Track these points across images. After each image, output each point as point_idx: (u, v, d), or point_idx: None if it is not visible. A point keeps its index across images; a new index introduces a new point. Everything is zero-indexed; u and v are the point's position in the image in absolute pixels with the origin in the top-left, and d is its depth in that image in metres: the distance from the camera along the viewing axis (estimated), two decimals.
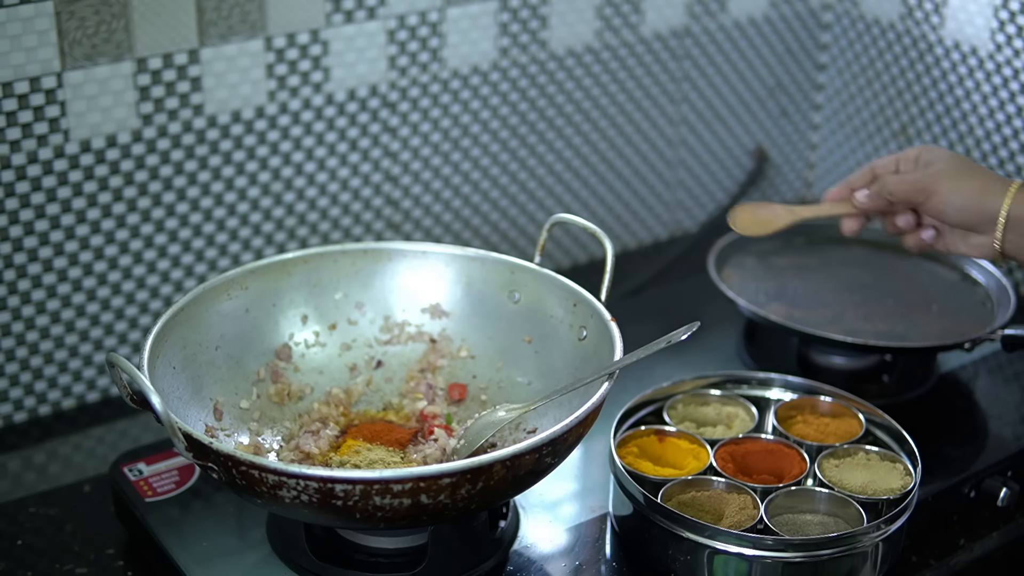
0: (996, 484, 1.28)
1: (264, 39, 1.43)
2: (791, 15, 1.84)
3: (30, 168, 1.35)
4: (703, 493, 1.18)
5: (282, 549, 1.16)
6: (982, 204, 1.09)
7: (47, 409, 1.45)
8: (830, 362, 1.47)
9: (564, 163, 1.73)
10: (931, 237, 1.12)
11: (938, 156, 1.13)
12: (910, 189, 1.11)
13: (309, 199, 1.54)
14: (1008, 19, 1.61)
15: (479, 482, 1.02)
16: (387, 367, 1.31)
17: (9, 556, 1.21)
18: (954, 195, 1.09)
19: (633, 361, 1.13)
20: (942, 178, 1.11)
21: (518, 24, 1.60)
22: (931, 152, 1.13)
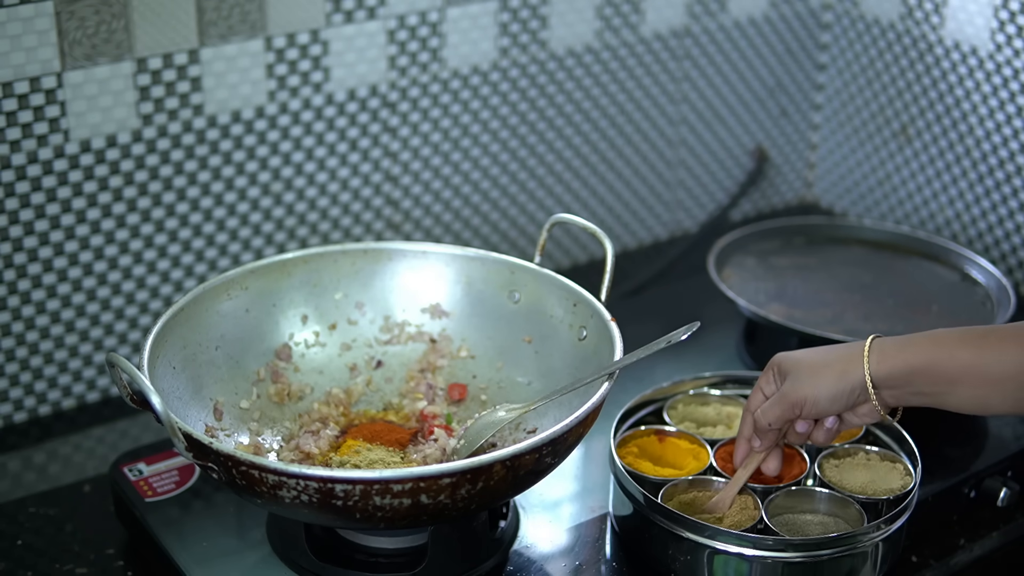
0: (996, 484, 1.28)
1: (264, 39, 1.43)
2: (791, 15, 1.84)
3: (30, 168, 1.35)
4: (703, 493, 1.18)
5: (282, 549, 1.16)
6: (847, 384, 1.13)
7: (47, 409, 1.45)
8: None
9: (564, 163, 1.73)
10: (834, 423, 1.16)
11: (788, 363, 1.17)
12: (782, 411, 1.16)
13: (309, 199, 1.54)
14: (1008, 19, 1.61)
15: (479, 482, 1.02)
16: (387, 367, 1.31)
17: (9, 556, 1.21)
18: (820, 392, 1.14)
19: (633, 361, 1.13)
20: (802, 382, 1.14)
21: (518, 24, 1.60)
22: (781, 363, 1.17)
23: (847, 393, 1.12)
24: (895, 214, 1.83)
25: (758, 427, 1.17)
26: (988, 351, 1.09)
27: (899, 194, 1.82)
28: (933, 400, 1.12)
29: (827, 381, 1.13)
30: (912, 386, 1.11)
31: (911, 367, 1.11)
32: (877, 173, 1.84)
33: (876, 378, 1.11)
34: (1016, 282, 1.69)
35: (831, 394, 1.13)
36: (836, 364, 1.14)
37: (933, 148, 1.75)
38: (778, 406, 1.15)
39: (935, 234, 1.76)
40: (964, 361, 1.09)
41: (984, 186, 1.70)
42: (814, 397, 1.13)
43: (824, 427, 1.16)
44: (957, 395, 1.10)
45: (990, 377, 1.09)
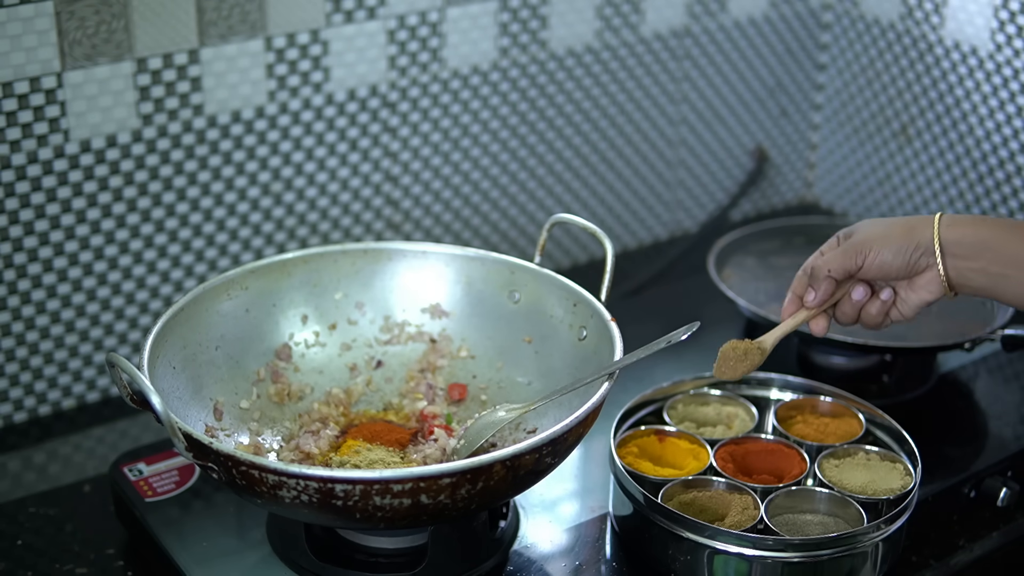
0: (996, 484, 1.28)
1: (264, 39, 1.43)
2: (791, 15, 1.84)
3: (30, 168, 1.35)
4: (703, 493, 1.18)
5: (282, 549, 1.16)
6: (914, 240, 1.12)
7: (47, 409, 1.45)
8: (830, 362, 1.47)
9: (564, 163, 1.73)
10: (890, 296, 1.14)
11: (858, 225, 1.17)
12: (843, 259, 1.14)
13: (309, 199, 1.54)
14: (1008, 19, 1.61)
15: (479, 482, 1.02)
16: (387, 367, 1.31)
17: (9, 556, 1.21)
18: (886, 246, 1.13)
19: (633, 361, 1.13)
20: (869, 238, 1.14)
21: (518, 24, 1.60)
22: (849, 228, 1.18)
23: (912, 249, 1.11)
24: (895, 214, 1.83)
25: (815, 275, 1.15)
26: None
27: (899, 194, 1.82)
28: (992, 283, 1.10)
29: (894, 238, 1.11)
30: (978, 259, 1.10)
31: (982, 239, 1.09)
32: (877, 173, 1.84)
33: (945, 241, 1.10)
34: None
35: (897, 247, 1.11)
36: (906, 223, 1.12)
37: (933, 148, 1.75)
38: (842, 255, 1.13)
39: None
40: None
41: (984, 186, 1.70)
42: (879, 246, 1.11)
43: (879, 299, 1.14)
44: (1018, 282, 1.09)
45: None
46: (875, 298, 1.16)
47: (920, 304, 1.16)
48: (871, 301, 1.16)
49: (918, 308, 1.17)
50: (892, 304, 1.16)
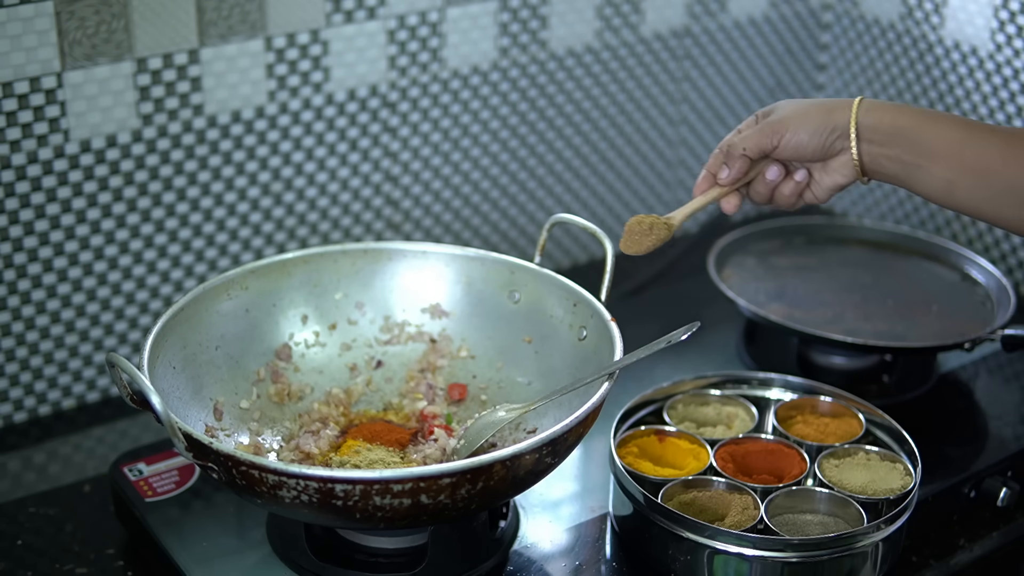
0: (996, 484, 1.28)
1: (264, 39, 1.43)
2: (791, 15, 1.84)
3: (30, 168, 1.35)
4: (703, 493, 1.18)
5: (282, 549, 1.16)
6: (831, 123, 1.12)
7: (47, 409, 1.45)
8: (830, 362, 1.47)
9: (564, 163, 1.73)
10: (804, 177, 1.15)
11: (777, 105, 1.17)
12: (759, 137, 1.14)
13: (309, 199, 1.54)
14: (1008, 19, 1.61)
15: (479, 482, 1.02)
16: (387, 367, 1.31)
17: (9, 556, 1.21)
18: (802, 126, 1.13)
19: (633, 361, 1.13)
20: (786, 117, 1.14)
21: (518, 24, 1.60)
22: (768, 107, 1.18)
23: (828, 131, 1.11)
24: (895, 214, 1.83)
25: (730, 152, 1.15)
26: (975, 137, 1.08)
27: (899, 194, 1.82)
28: (905, 172, 1.11)
29: (811, 119, 1.12)
30: (892, 147, 1.10)
31: (898, 126, 1.10)
32: None
33: (861, 125, 1.10)
34: (1016, 282, 1.69)
35: (813, 128, 1.11)
36: (824, 105, 1.13)
37: None
38: (758, 133, 1.14)
39: (935, 234, 1.76)
40: (949, 137, 1.09)
41: None
42: (795, 127, 1.12)
43: (793, 179, 1.15)
44: (930, 173, 1.09)
45: (966, 162, 1.08)
46: (789, 178, 1.16)
47: (833, 187, 1.16)
48: (785, 181, 1.16)
49: (831, 191, 1.18)
50: (806, 186, 1.16)
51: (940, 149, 1.10)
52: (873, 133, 1.11)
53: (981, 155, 1.09)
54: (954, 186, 1.10)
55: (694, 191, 1.19)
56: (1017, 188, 1.08)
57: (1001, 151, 1.08)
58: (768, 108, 1.18)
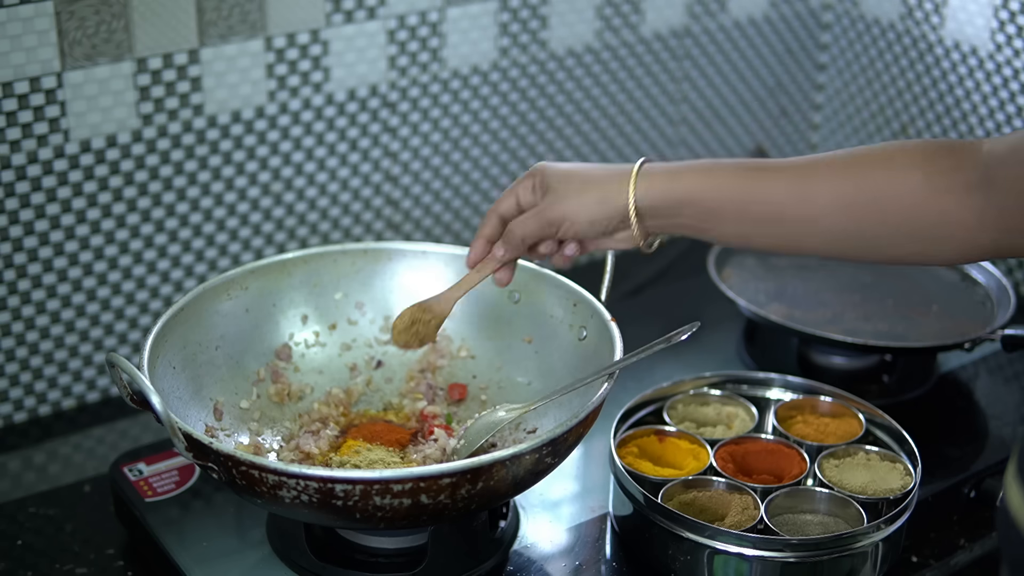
0: (996, 484, 1.28)
1: (264, 39, 1.43)
2: (791, 15, 1.84)
3: (30, 168, 1.35)
4: (703, 493, 1.18)
5: (282, 549, 1.16)
6: (609, 208, 1.11)
7: (47, 409, 1.45)
8: (830, 362, 1.47)
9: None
10: (574, 250, 1.14)
11: (552, 177, 1.13)
12: (537, 226, 1.13)
13: (309, 199, 1.54)
14: (1008, 19, 1.61)
15: (479, 482, 1.02)
16: (387, 367, 1.31)
17: (9, 556, 1.21)
18: (581, 212, 1.11)
19: (633, 361, 1.13)
20: (564, 200, 1.12)
21: (518, 24, 1.60)
22: (545, 174, 1.14)
23: (608, 218, 1.10)
24: None
25: (509, 237, 1.14)
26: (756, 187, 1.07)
27: None
28: (697, 233, 1.10)
29: (589, 203, 1.10)
30: (677, 217, 1.09)
31: (678, 198, 1.08)
32: None
33: (640, 206, 1.09)
34: (1016, 282, 1.69)
35: (591, 217, 1.10)
36: (601, 185, 1.11)
37: None
38: (535, 221, 1.12)
39: None
40: (731, 195, 1.07)
41: None
42: (573, 218, 1.11)
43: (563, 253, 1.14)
44: (720, 231, 1.09)
45: (753, 215, 1.07)
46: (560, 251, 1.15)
47: (615, 251, 1.16)
48: (556, 254, 1.15)
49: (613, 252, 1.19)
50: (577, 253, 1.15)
51: (723, 211, 1.08)
52: (654, 210, 1.10)
53: (767, 205, 1.07)
54: (748, 238, 1.10)
55: (468, 258, 1.18)
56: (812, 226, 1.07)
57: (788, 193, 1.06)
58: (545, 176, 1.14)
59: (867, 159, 1.06)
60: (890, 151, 1.06)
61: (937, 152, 1.05)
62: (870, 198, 1.04)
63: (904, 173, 1.04)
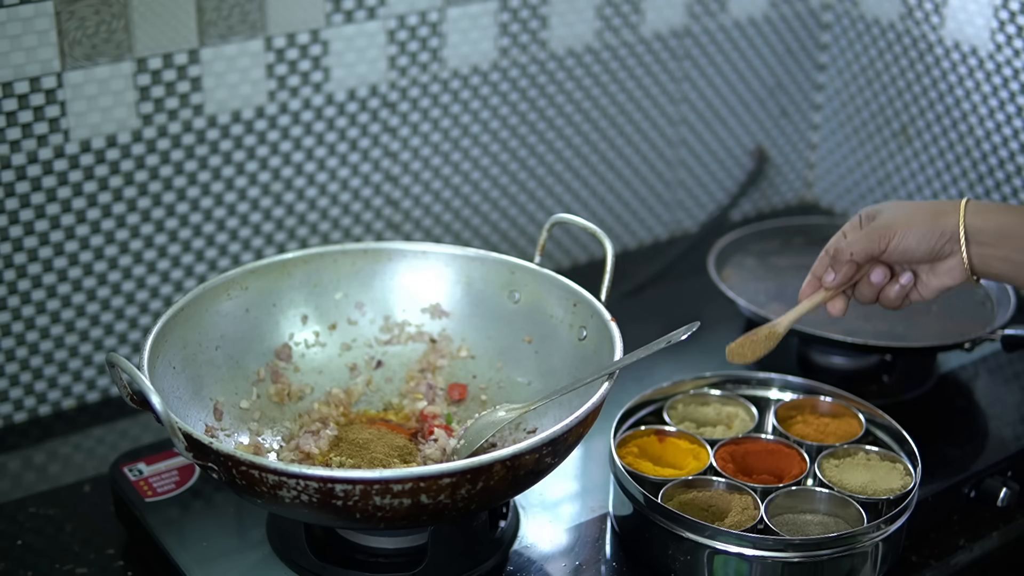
0: (996, 484, 1.28)
1: (264, 39, 1.43)
2: (791, 15, 1.84)
3: (30, 168, 1.35)
4: (703, 493, 1.18)
5: (282, 549, 1.16)
6: (939, 227, 1.12)
7: (47, 409, 1.45)
8: (830, 362, 1.47)
9: (564, 163, 1.73)
10: (909, 280, 1.15)
11: (880, 207, 1.17)
12: (867, 242, 1.14)
13: (309, 199, 1.54)
14: (1008, 19, 1.61)
15: (479, 482, 1.02)
16: (387, 367, 1.31)
17: (9, 556, 1.21)
18: (910, 230, 1.13)
19: (633, 361, 1.13)
20: (893, 221, 1.14)
21: (518, 24, 1.60)
22: (873, 209, 1.18)
23: (937, 237, 1.11)
24: None
25: (837, 258, 1.15)
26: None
27: (899, 194, 1.82)
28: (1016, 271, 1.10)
29: (919, 223, 1.11)
30: (1002, 247, 1.10)
31: (1008, 227, 1.09)
32: (877, 173, 1.84)
33: (970, 228, 1.10)
34: None
35: (921, 233, 1.11)
36: (931, 209, 1.12)
37: (933, 148, 1.75)
38: (866, 238, 1.13)
39: None
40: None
41: (984, 186, 1.70)
42: (903, 231, 1.12)
43: (899, 283, 1.14)
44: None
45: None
46: (894, 281, 1.16)
47: (941, 288, 1.16)
48: (890, 284, 1.16)
49: (939, 292, 1.18)
50: (912, 287, 1.16)
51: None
52: (982, 235, 1.11)
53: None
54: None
55: (800, 294, 1.20)
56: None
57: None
58: (872, 210, 1.17)
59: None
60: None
61: None
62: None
63: None
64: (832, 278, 1.16)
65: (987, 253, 1.11)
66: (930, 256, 1.12)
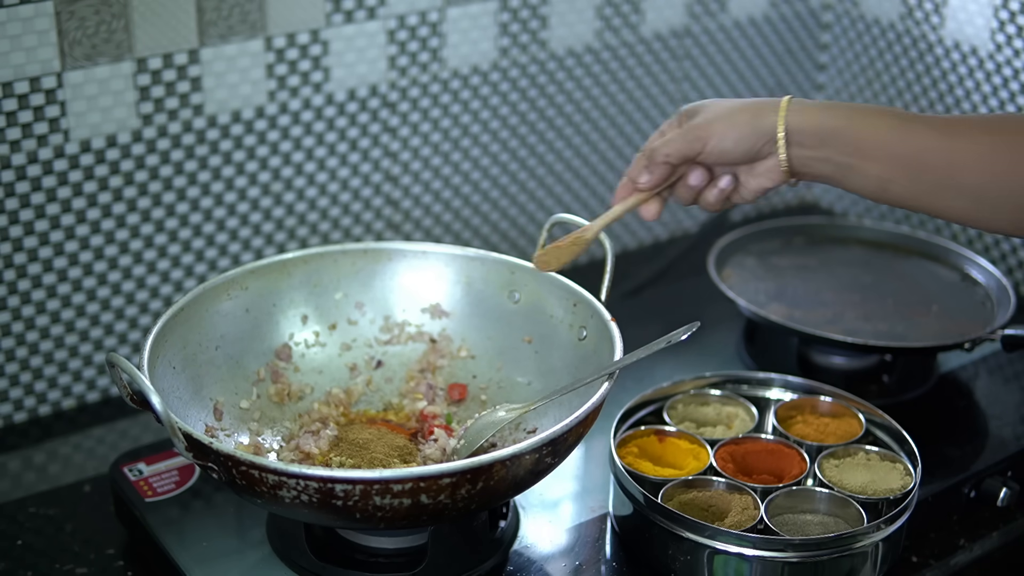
0: (996, 484, 1.28)
1: (264, 39, 1.43)
2: (791, 15, 1.84)
3: (30, 168, 1.35)
4: (703, 493, 1.18)
5: (282, 549, 1.16)
6: (758, 127, 1.08)
7: (47, 409, 1.45)
8: (830, 362, 1.47)
9: (564, 163, 1.73)
10: (729, 184, 1.11)
11: (700, 106, 1.12)
12: (682, 143, 1.10)
13: (309, 199, 1.54)
14: (1008, 19, 1.61)
15: (479, 482, 1.02)
16: (387, 367, 1.31)
17: (9, 556, 1.21)
18: (728, 131, 1.09)
19: (633, 361, 1.13)
20: (711, 122, 1.10)
21: (518, 24, 1.60)
22: (693, 107, 1.13)
23: (755, 137, 1.08)
24: (895, 214, 1.83)
25: (652, 158, 1.12)
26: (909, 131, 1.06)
27: None
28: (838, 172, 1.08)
29: (738, 123, 1.08)
30: (823, 148, 1.07)
31: (828, 127, 1.07)
32: None
33: (790, 128, 1.07)
34: (1016, 282, 1.69)
35: (739, 134, 1.08)
36: (751, 108, 1.09)
37: None
38: (681, 138, 1.10)
39: (935, 234, 1.75)
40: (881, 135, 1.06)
41: None
42: (721, 133, 1.09)
43: (718, 186, 1.11)
44: (863, 173, 1.07)
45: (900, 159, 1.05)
46: (713, 184, 1.13)
47: (759, 190, 1.13)
48: (709, 187, 1.13)
49: (757, 193, 1.15)
50: (732, 189, 1.14)
51: (872, 148, 1.07)
52: (802, 136, 1.08)
53: (916, 150, 1.06)
54: (888, 183, 1.07)
55: (615, 197, 1.17)
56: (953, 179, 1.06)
57: (938, 143, 1.05)
58: (692, 107, 1.13)
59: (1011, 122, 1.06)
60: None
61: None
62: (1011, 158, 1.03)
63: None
64: (646, 179, 1.13)
65: (807, 155, 1.08)
66: (748, 158, 1.09)
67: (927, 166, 1.06)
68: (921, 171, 1.07)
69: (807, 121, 1.08)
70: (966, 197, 1.06)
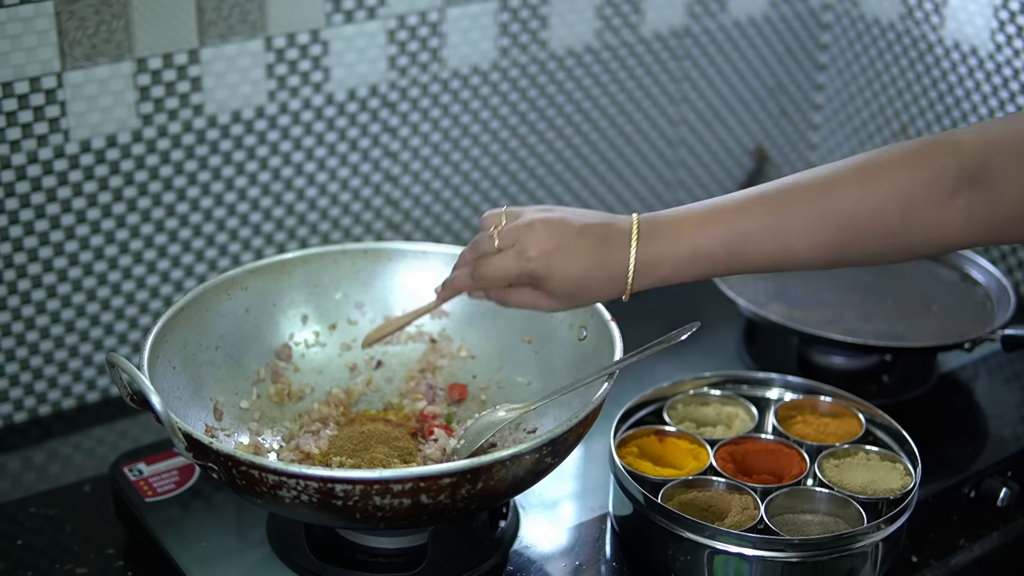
0: (996, 484, 1.28)
1: (264, 39, 1.43)
2: (791, 15, 1.84)
3: (30, 168, 1.35)
4: (703, 493, 1.18)
5: (282, 549, 1.16)
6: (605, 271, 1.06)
7: (47, 409, 1.45)
8: (830, 362, 1.47)
9: (564, 163, 1.73)
10: None
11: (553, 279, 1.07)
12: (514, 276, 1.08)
13: (309, 199, 1.54)
14: (1008, 19, 1.61)
15: (479, 482, 1.02)
16: (387, 367, 1.31)
17: (9, 556, 1.21)
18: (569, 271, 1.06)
19: (633, 361, 1.13)
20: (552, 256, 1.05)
21: (518, 24, 1.60)
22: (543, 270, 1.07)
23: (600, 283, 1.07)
24: None
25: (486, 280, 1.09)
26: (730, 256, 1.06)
27: None
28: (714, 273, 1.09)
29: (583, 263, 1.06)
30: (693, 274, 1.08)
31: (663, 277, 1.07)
32: None
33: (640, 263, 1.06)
34: (1016, 282, 1.69)
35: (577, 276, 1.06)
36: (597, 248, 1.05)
37: None
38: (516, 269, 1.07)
39: None
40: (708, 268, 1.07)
41: None
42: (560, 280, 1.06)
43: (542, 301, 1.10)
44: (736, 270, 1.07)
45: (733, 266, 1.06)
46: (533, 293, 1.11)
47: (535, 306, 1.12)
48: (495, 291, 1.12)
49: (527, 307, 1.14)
50: None
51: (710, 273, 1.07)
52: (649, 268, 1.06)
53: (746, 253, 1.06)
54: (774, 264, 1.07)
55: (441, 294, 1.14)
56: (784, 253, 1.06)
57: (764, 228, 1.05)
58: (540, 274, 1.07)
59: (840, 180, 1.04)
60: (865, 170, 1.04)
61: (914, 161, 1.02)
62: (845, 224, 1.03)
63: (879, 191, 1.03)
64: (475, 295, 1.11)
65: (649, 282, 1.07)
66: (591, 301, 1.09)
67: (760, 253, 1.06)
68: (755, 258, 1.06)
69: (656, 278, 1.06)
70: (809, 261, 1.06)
